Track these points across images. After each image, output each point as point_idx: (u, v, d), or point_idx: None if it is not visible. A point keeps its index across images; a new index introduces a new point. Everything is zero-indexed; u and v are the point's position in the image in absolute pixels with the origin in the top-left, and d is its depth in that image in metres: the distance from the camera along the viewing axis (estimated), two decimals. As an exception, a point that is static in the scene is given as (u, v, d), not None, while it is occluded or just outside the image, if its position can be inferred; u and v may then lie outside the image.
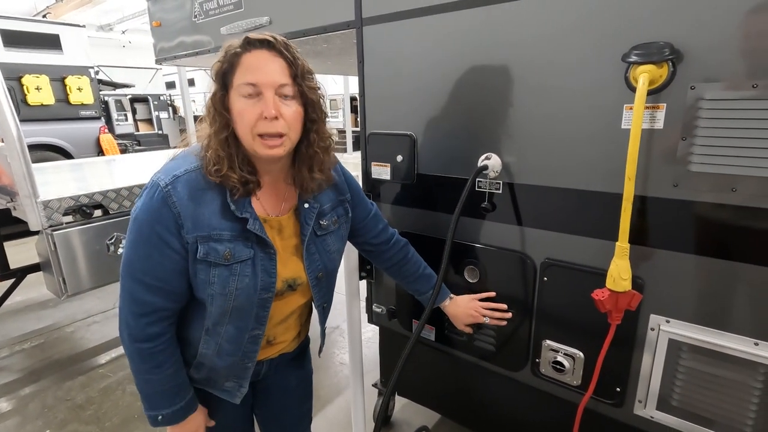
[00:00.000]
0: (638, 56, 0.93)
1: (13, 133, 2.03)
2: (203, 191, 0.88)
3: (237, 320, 0.95)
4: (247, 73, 0.84)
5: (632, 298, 0.97)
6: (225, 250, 0.89)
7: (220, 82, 0.87)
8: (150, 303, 0.89)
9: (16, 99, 5.96)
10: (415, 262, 1.30)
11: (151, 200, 0.86)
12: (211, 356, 0.99)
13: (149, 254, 0.87)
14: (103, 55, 9.89)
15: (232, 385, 1.06)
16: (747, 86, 0.90)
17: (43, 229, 2.16)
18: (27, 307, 3.52)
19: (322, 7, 1.58)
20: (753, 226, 0.95)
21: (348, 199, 1.12)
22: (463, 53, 1.29)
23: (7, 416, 2.26)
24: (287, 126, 0.87)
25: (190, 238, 0.87)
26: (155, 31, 2.35)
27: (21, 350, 2.90)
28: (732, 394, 1.05)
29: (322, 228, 1.04)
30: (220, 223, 0.89)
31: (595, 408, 1.28)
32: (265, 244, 0.94)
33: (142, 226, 0.86)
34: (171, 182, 0.86)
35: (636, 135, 0.90)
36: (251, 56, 0.85)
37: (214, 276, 0.89)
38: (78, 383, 2.51)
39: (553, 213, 1.23)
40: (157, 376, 0.94)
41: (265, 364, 1.12)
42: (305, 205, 1.01)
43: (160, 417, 0.97)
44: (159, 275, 0.88)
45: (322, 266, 1.05)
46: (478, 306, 1.36)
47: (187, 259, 0.89)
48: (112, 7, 9.66)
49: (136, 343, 0.91)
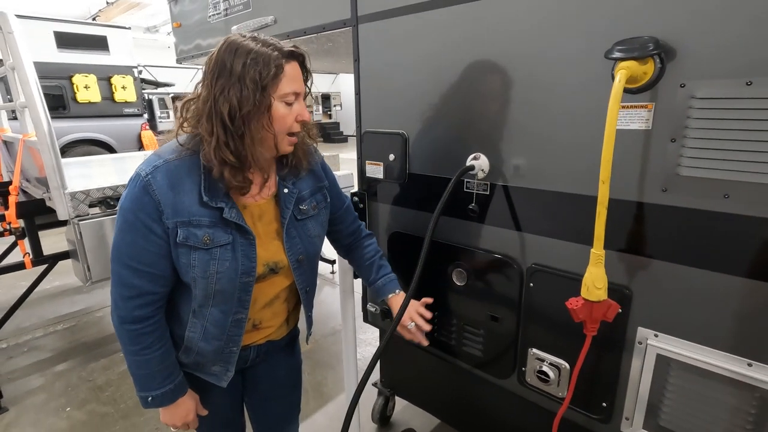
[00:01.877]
0: (620, 52, 0.88)
1: (44, 128, 2.17)
2: (182, 181, 0.92)
3: (221, 303, 0.99)
4: (292, 83, 0.92)
5: (608, 308, 0.91)
6: (204, 235, 0.92)
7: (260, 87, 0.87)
8: (137, 286, 0.93)
9: (67, 96, 6.40)
10: (371, 250, 1.31)
11: (133, 189, 0.91)
12: (197, 340, 1.03)
13: (134, 240, 0.91)
14: (149, 55, 10.41)
15: (219, 369, 1.09)
16: (741, 84, 0.83)
17: (70, 219, 2.30)
18: (63, 291, 3.76)
19: (321, 6, 1.59)
20: (747, 236, 0.87)
21: (326, 185, 1.16)
22: (452, 51, 1.26)
23: (36, 392, 2.43)
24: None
25: (170, 224, 0.90)
26: (176, 32, 2.44)
27: (54, 332, 3.11)
28: (723, 418, 0.97)
29: (302, 212, 1.08)
30: (198, 210, 0.92)
31: (582, 423, 1.22)
32: (244, 230, 0.97)
33: (126, 213, 0.91)
34: (151, 172, 0.90)
35: (610, 135, 0.84)
36: (291, 66, 0.92)
37: (194, 260, 0.93)
38: (100, 365, 2.66)
39: (541, 217, 1.18)
40: (145, 358, 0.98)
41: (253, 350, 1.14)
42: (284, 190, 1.05)
43: (150, 398, 1.01)
44: (144, 260, 0.92)
45: (303, 249, 1.08)
46: (412, 309, 1.25)
47: (169, 244, 0.93)
48: (157, 10, 10.15)
49: (124, 325, 0.95)
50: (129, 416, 2.21)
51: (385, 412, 2.07)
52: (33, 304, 3.39)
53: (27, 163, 2.72)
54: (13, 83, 2.34)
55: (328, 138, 17.02)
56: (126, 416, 2.21)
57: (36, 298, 3.43)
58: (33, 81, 2.11)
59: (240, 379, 1.23)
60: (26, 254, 2.57)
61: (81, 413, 2.24)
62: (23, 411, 2.27)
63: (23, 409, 2.29)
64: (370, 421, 2.08)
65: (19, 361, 2.75)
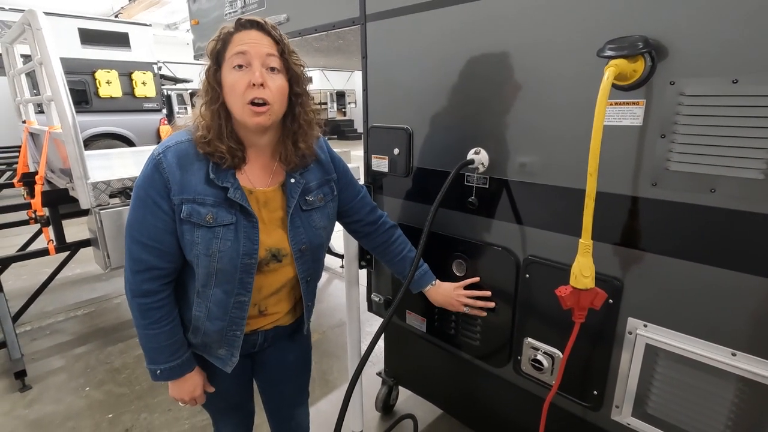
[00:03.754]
0: (611, 50, 0.91)
1: (69, 120, 2.28)
2: (191, 161, 0.97)
3: (223, 283, 1.02)
4: (238, 47, 0.94)
5: (595, 296, 0.95)
6: (207, 213, 0.97)
7: (213, 58, 0.97)
8: (145, 261, 0.99)
9: (90, 91, 6.59)
10: (399, 244, 1.33)
11: (146, 168, 0.97)
12: (203, 319, 1.07)
13: (144, 216, 0.97)
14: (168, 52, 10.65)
15: (225, 354, 1.12)
16: (727, 82, 0.86)
17: (92, 208, 2.41)
18: (84, 279, 3.91)
19: (331, 5, 1.65)
20: (732, 230, 0.90)
21: (334, 178, 1.18)
22: (455, 48, 1.30)
23: (57, 372, 2.55)
24: (273, 96, 0.95)
25: (176, 200, 0.96)
26: (194, 29, 2.53)
27: (74, 316, 3.25)
28: (708, 406, 1.00)
29: (308, 203, 1.10)
30: (204, 189, 0.97)
31: (573, 410, 1.26)
32: (247, 212, 1.01)
33: (139, 191, 0.97)
34: (162, 152, 0.97)
35: (598, 129, 0.88)
36: (242, 34, 0.95)
37: (198, 237, 0.97)
38: (117, 349, 2.78)
39: (538, 210, 1.22)
40: (154, 332, 1.03)
41: (260, 335, 1.18)
42: (291, 180, 1.07)
43: (158, 371, 1.06)
44: (152, 235, 0.98)
45: (306, 240, 1.10)
46: (460, 294, 1.36)
47: (175, 221, 0.98)
48: (177, 7, 10.37)
49: (135, 298, 1.01)
50: (143, 397, 2.31)
51: (388, 402, 2.13)
52: (55, 290, 3.55)
53: (52, 155, 2.85)
54: (41, 78, 2.45)
55: (343, 135, 17.11)
56: (140, 397, 2.32)
57: (58, 284, 3.59)
58: (59, 76, 2.21)
59: (249, 364, 1.27)
60: (50, 241, 2.69)
61: (98, 393, 2.36)
62: (45, 389, 2.39)
63: (45, 387, 2.41)
64: (373, 409, 2.14)
65: (42, 342, 2.88)
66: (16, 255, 2.87)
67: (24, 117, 3.39)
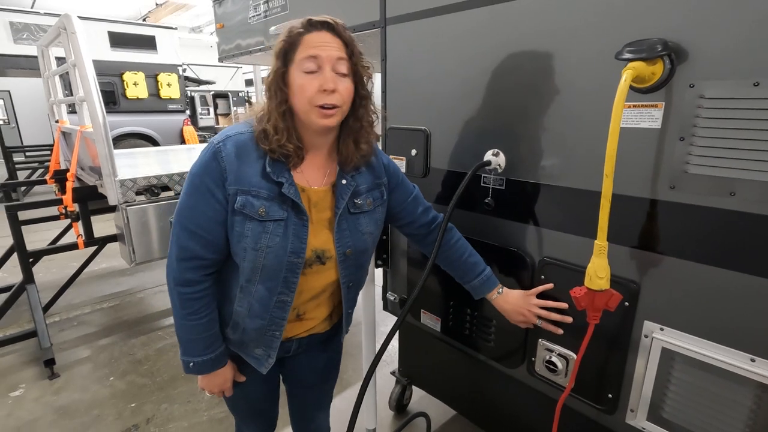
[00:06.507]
0: (630, 53, 0.91)
1: (100, 120, 2.37)
2: (249, 153, 0.97)
3: (267, 280, 1.01)
4: (309, 49, 0.91)
5: (610, 297, 0.95)
6: (260, 206, 0.96)
7: (282, 59, 0.94)
8: (190, 249, 0.98)
9: (117, 93, 6.82)
10: (459, 248, 1.27)
11: (204, 156, 0.96)
12: (243, 315, 1.06)
13: (196, 203, 0.97)
14: (193, 54, 10.91)
15: (261, 353, 1.11)
16: (748, 85, 0.85)
17: (119, 204, 2.50)
18: (109, 273, 4.05)
19: (352, 8, 1.68)
20: (751, 234, 0.89)
21: (384, 182, 1.15)
22: (474, 51, 1.32)
23: (83, 362, 2.66)
24: (342, 99, 0.94)
25: (231, 190, 0.95)
26: (219, 32, 2.61)
27: (100, 309, 3.36)
28: (725, 413, 0.98)
29: (357, 206, 1.08)
30: (259, 182, 0.96)
31: (587, 413, 1.25)
32: (299, 209, 1.00)
33: (194, 178, 0.96)
34: (222, 140, 0.96)
35: (615, 131, 0.89)
36: (313, 36, 0.92)
37: (248, 229, 0.96)
38: (140, 342, 2.87)
39: (554, 212, 1.22)
40: (192, 323, 1.02)
41: (295, 342, 1.17)
42: (343, 181, 1.06)
43: (191, 364, 1.06)
44: (201, 224, 0.97)
45: (351, 243, 1.08)
46: (532, 305, 1.25)
47: (227, 211, 0.97)
48: (202, 11, 10.62)
49: (176, 287, 1.01)
50: (164, 388, 2.39)
51: (401, 401, 2.14)
52: (82, 284, 3.68)
53: (82, 153, 2.97)
54: (74, 79, 2.55)
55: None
56: (161, 388, 2.39)
57: (85, 278, 3.73)
58: (91, 77, 2.31)
59: (278, 370, 1.27)
60: (79, 236, 2.81)
61: (122, 383, 2.44)
62: (72, 378, 2.49)
63: (72, 376, 2.51)
64: (387, 408, 2.16)
65: (69, 333, 3.00)
66: (47, 248, 3.01)
67: (57, 117, 3.54)
